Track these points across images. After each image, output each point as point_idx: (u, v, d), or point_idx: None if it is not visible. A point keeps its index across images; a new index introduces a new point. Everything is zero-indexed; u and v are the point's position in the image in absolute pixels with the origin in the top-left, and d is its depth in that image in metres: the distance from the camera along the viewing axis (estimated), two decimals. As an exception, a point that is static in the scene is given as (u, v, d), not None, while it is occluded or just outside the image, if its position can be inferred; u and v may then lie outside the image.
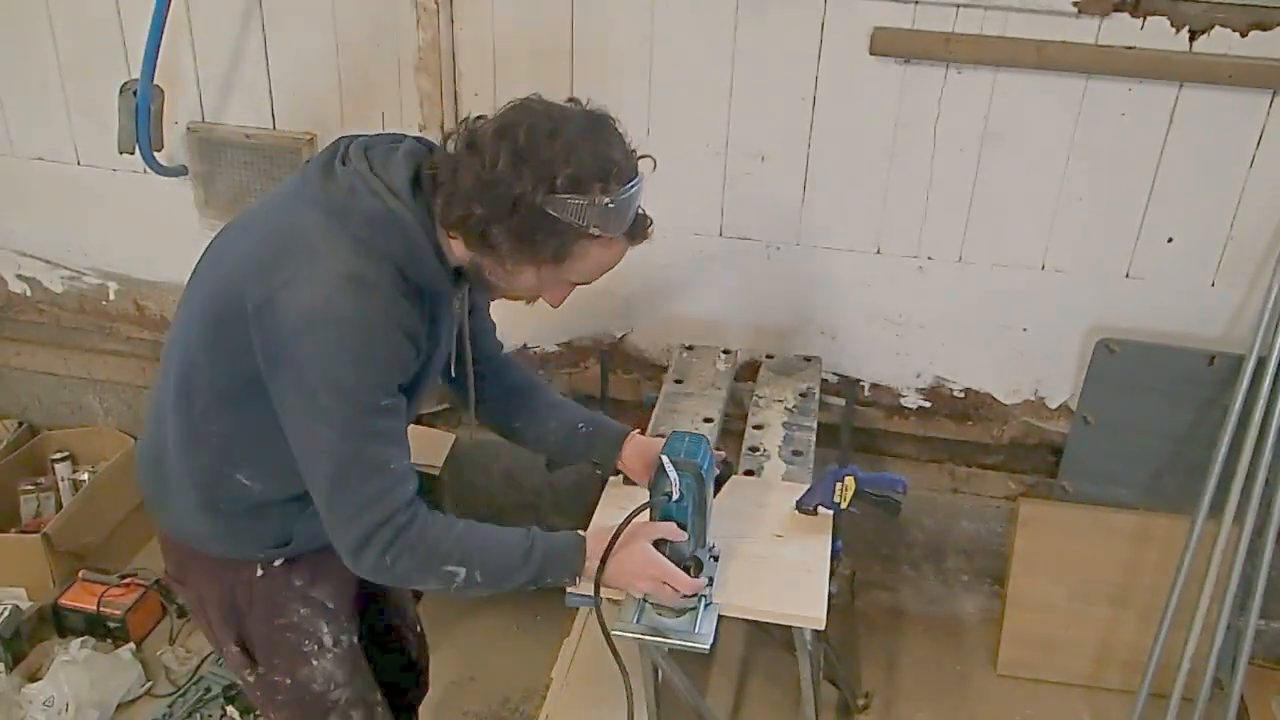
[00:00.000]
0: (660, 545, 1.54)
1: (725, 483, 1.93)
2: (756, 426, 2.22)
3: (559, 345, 2.73)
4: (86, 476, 2.93)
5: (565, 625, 2.40)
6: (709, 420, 2.24)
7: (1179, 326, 2.39)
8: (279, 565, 1.59)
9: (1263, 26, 2.07)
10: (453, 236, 1.39)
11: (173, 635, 2.65)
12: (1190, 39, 2.11)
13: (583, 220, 1.32)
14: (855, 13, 2.21)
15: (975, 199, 2.35)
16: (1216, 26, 2.09)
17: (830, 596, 1.69)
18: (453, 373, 1.60)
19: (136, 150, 2.51)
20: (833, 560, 1.76)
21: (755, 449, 2.13)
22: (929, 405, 2.62)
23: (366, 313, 1.32)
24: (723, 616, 1.63)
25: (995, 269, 2.42)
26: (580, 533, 1.55)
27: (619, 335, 2.70)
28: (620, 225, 1.37)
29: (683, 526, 1.55)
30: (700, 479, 1.53)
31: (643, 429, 1.86)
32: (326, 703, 1.65)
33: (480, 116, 1.38)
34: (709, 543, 1.64)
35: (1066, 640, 2.59)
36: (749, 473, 2.04)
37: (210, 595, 1.62)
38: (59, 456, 2.94)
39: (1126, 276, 2.37)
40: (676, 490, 1.51)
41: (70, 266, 2.94)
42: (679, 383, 2.40)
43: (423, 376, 1.48)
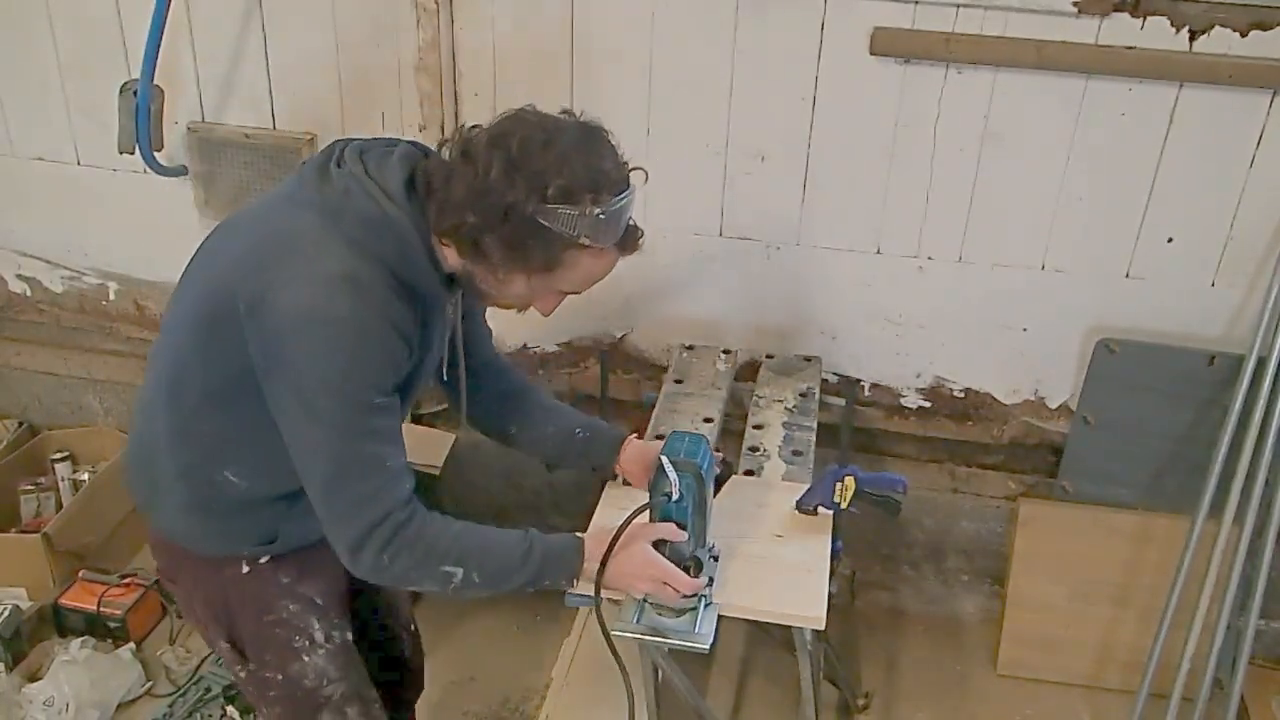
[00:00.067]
0: (660, 545, 1.54)
1: (725, 483, 1.94)
2: (756, 426, 2.22)
3: (559, 345, 2.73)
4: (86, 476, 2.93)
5: (565, 625, 2.40)
6: (709, 420, 2.24)
7: (1179, 326, 2.39)
8: (265, 563, 1.59)
9: (1263, 26, 2.07)
10: (445, 244, 1.40)
11: (173, 635, 2.65)
12: (1190, 39, 2.11)
13: (574, 230, 1.33)
14: (855, 13, 2.21)
15: (975, 199, 2.35)
16: (1216, 26, 2.09)
17: (830, 596, 1.69)
18: (445, 376, 1.60)
19: (136, 150, 2.51)
20: (833, 560, 1.76)
21: (755, 449, 2.13)
22: (929, 405, 2.62)
23: (360, 312, 1.32)
24: (723, 616, 1.63)
25: (995, 269, 2.42)
26: (578, 535, 1.56)
27: (619, 335, 2.70)
28: (611, 236, 1.38)
29: (682, 526, 1.55)
30: (700, 479, 1.53)
31: (640, 433, 1.86)
32: (319, 698, 1.65)
33: (475, 126, 1.39)
34: (709, 543, 1.64)
35: (1066, 640, 2.59)
36: (749, 473, 2.04)
37: (199, 593, 1.63)
38: (59, 456, 2.94)
39: (1126, 276, 2.37)
40: (676, 490, 1.52)
41: (70, 266, 2.94)
42: (679, 383, 2.40)
43: (414, 379, 1.48)
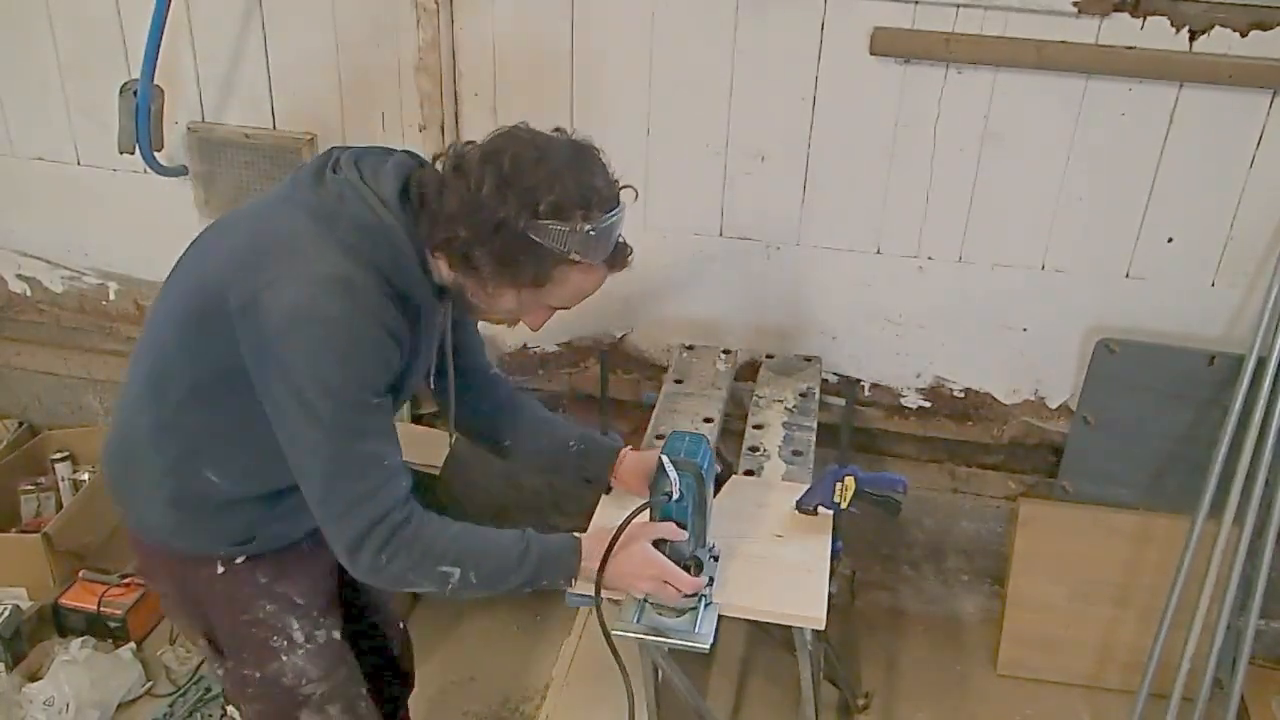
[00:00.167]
0: (660, 545, 1.55)
1: (725, 483, 1.94)
2: (756, 426, 2.22)
3: (559, 345, 2.73)
4: (86, 476, 2.93)
5: (565, 625, 2.40)
6: (709, 420, 2.24)
7: (1179, 326, 2.39)
8: (241, 563, 1.58)
9: (1263, 26, 2.07)
10: (437, 256, 1.41)
11: (173, 635, 2.65)
12: (1190, 39, 2.11)
13: (564, 246, 1.35)
14: (855, 13, 2.21)
15: (975, 199, 2.35)
16: (1216, 26, 2.09)
17: (830, 596, 1.69)
18: (433, 384, 1.61)
19: (136, 150, 2.51)
20: (833, 560, 1.76)
21: (755, 449, 2.13)
22: (929, 405, 2.62)
23: (352, 312, 1.33)
24: (723, 616, 1.63)
25: (995, 269, 2.42)
26: (576, 535, 1.56)
27: (619, 335, 2.70)
28: (601, 252, 1.39)
29: (682, 526, 1.55)
30: (700, 479, 1.53)
31: (636, 447, 1.86)
32: (298, 697, 1.65)
33: (469, 142, 1.41)
34: (709, 543, 1.64)
35: (1066, 640, 2.59)
36: (749, 473, 2.04)
37: (175, 591, 1.63)
38: (59, 456, 2.94)
39: (1126, 276, 2.37)
40: (676, 490, 1.52)
41: (70, 266, 2.94)
42: (679, 383, 2.40)
43: (402, 384, 1.48)
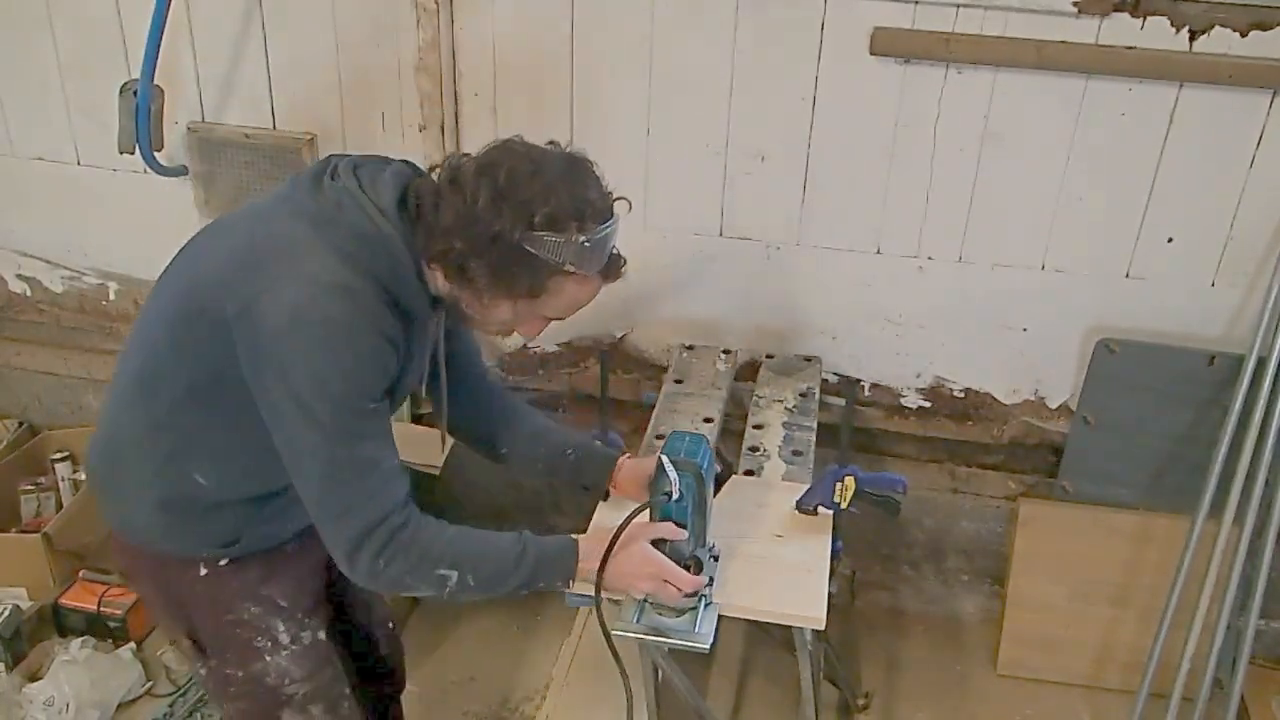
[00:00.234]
0: (660, 545, 1.54)
1: (725, 483, 1.94)
2: (756, 426, 2.22)
3: (559, 345, 2.73)
4: (86, 476, 2.93)
5: (565, 625, 2.40)
6: (709, 420, 2.24)
7: (1179, 326, 2.39)
8: (225, 565, 1.58)
9: (1263, 26, 2.07)
10: (433, 268, 1.42)
11: (173, 635, 2.65)
12: (1190, 39, 2.11)
13: (559, 257, 1.36)
14: (855, 13, 2.21)
15: (975, 199, 2.35)
16: (1216, 26, 2.09)
17: (830, 596, 1.69)
18: (425, 392, 1.61)
19: (136, 150, 2.51)
20: (833, 560, 1.76)
21: (755, 449, 2.13)
22: (929, 405, 2.62)
23: (351, 317, 1.33)
24: (723, 616, 1.63)
25: (995, 269, 2.42)
26: (573, 536, 1.55)
27: (619, 335, 2.70)
28: (596, 263, 1.40)
29: (682, 526, 1.55)
30: (700, 479, 1.53)
31: (635, 452, 1.86)
32: (281, 696, 1.65)
33: (464, 154, 1.42)
34: (709, 543, 1.64)
35: (1066, 640, 2.59)
36: (749, 473, 2.04)
37: (157, 592, 1.63)
38: (59, 456, 2.94)
39: (1126, 276, 2.37)
40: (676, 490, 1.52)
41: (70, 266, 2.94)
42: (679, 383, 2.40)
43: (395, 390, 1.48)
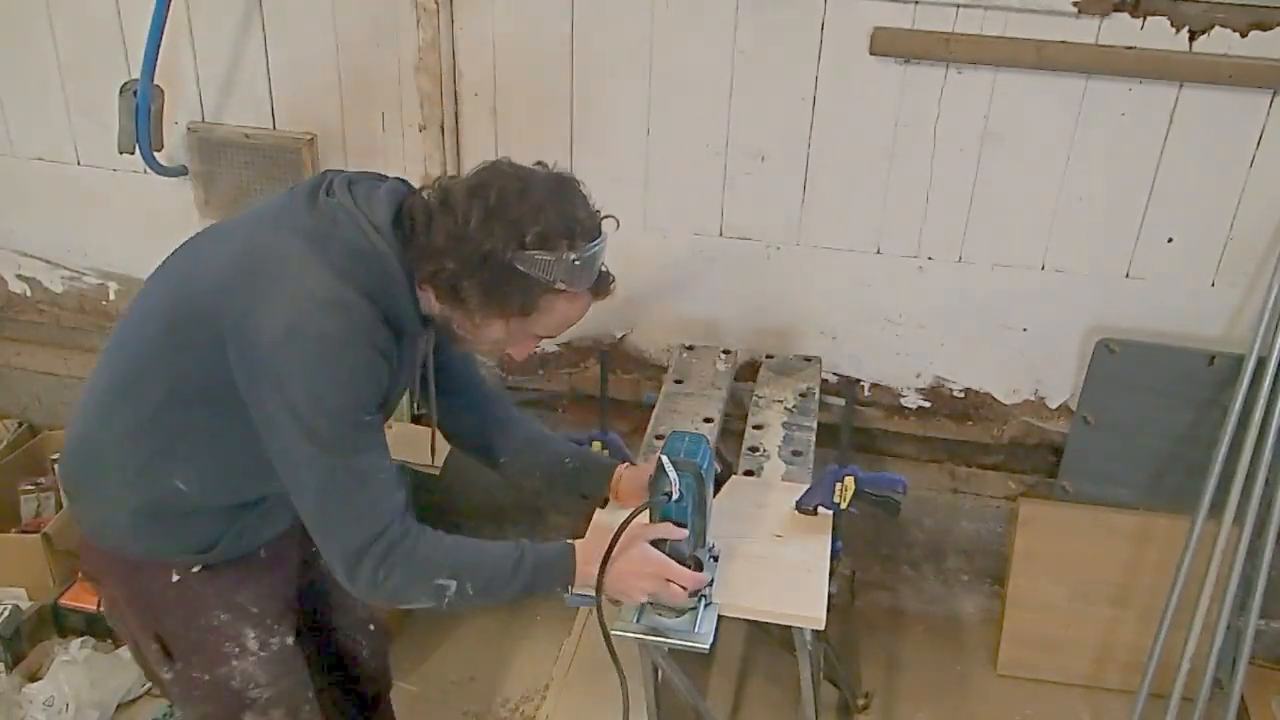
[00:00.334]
0: (660, 545, 1.54)
1: (725, 483, 1.94)
2: (756, 426, 2.22)
3: (559, 345, 2.73)
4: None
5: (565, 625, 2.40)
6: (709, 420, 2.24)
7: (1179, 326, 2.39)
8: (197, 572, 1.58)
9: (1263, 26, 2.07)
10: (424, 288, 1.42)
11: (173, 635, 2.65)
12: (1190, 39, 2.11)
13: (550, 275, 1.37)
14: (855, 13, 2.21)
15: (975, 199, 2.35)
16: (1216, 26, 2.09)
17: (830, 596, 1.69)
18: (417, 408, 1.62)
19: (136, 150, 2.51)
20: (833, 560, 1.76)
21: (755, 449, 2.13)
22: (929, 405, 2.62)
23: (345, 331, 1.34)
24: (723, 616, 1.63)
25: (995, 269, 2.42)
26: (571, 542, 1.55)
27: (619, 335, 2.70)
28: (586, 280, 1.42)
29: (682, 526, 1.55)
30: (700, 479, 1.53)
31: (635, 453, 1.87)
32: (244, 700, 1.65)
33: (453, 176, 1.44)
34: (709, 543, 1.64)
35: (1066, 640, 2.59)
36: (749, 473, 2.04)
37: (126, 596, 1.62)
38: (59, 457, 2.93)
39: (1126, 276, 2.37)
40: (676, 490, 1.52)
41: (70, 266, 2.94)
42: (679, 383, 2.40)
43: (384, 404, 1.48)
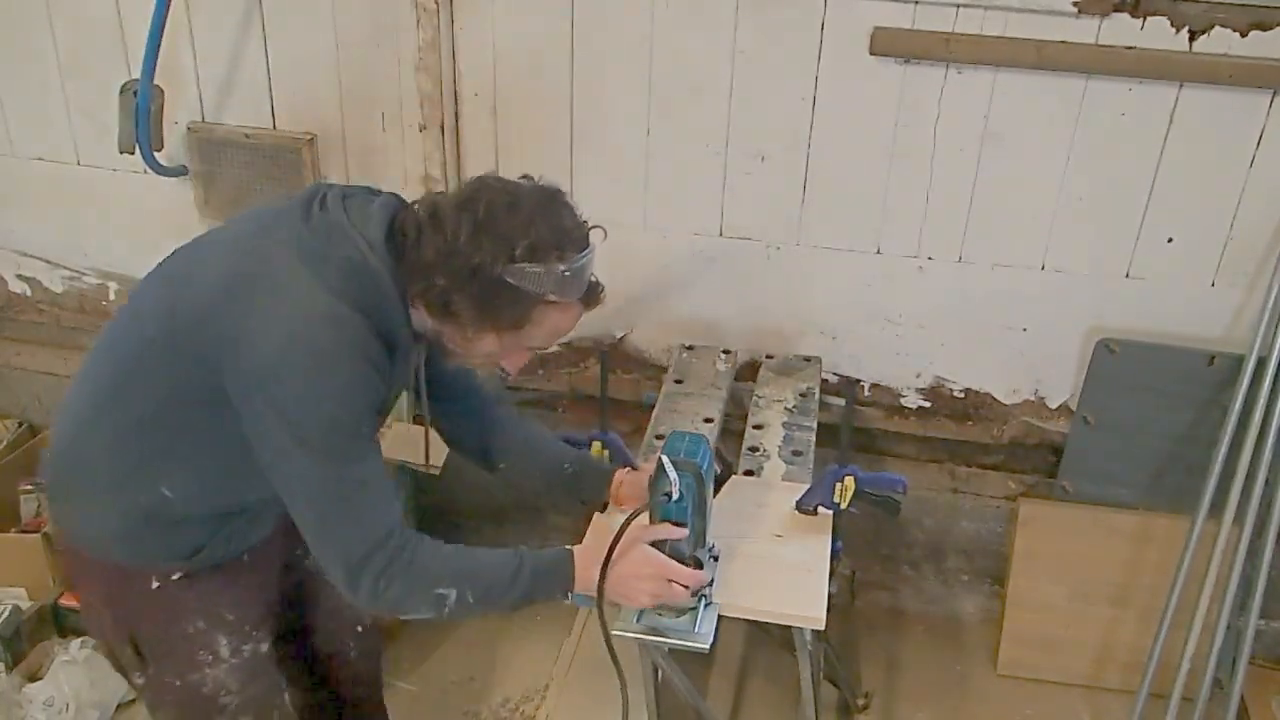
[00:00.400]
0: (660, 546, 1.55)
1: (725, 483, 1.94)
2: (756, 426, 2.22)
3: (559, 345, 2.73)
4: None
5: (565, 625, 2.40)
6: (709, 420, 2.24)
7: (1179, 326, 2.39)
8: (177, 579, 1.58)
9: (1263, 26, 2.07)
10: (416, 305, 1.43)
11: (173, 635, 2.65)
12: (1190, 39, 2.11)
13: (540, 287, 1.38)
14: (855, 13, 2.21)
15: (975, 199, 2.35)
16: (1216, 26, 2.09)
17: (830, 596, 1.69)
18: (410, 420, 1.62)
19: (136, 150, 2.51)
20: (833, 560, 1.76)
21: (755, 449, 2.13)
22: (929, 405, 2.62)
23: (338, 345, 1.34)
24: (723, 616, 1.63)
25: (995, 269, 2.42)
26: (569, 548, 1.56)
27: (619, 335, 2.70)
28: (576, 291, 1.43)
29: (682, 526, 1.55)
30: (700, 479, 1.53)
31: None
32: (215, 705, 1.65)
33: (440, 192, 1.46)
34: (709, 543, 1.64)
35: (1066, 640, 2.59)
36: (749, 473, 2.04)
37: (104, 601, 1.62)
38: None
39: (1126, 276, 2.37)
40: (676, 490, 1.52)
41: (70, 266, 2.94)
42: (679, 383, 2.40)
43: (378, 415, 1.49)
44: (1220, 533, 2.30)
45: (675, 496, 1.52)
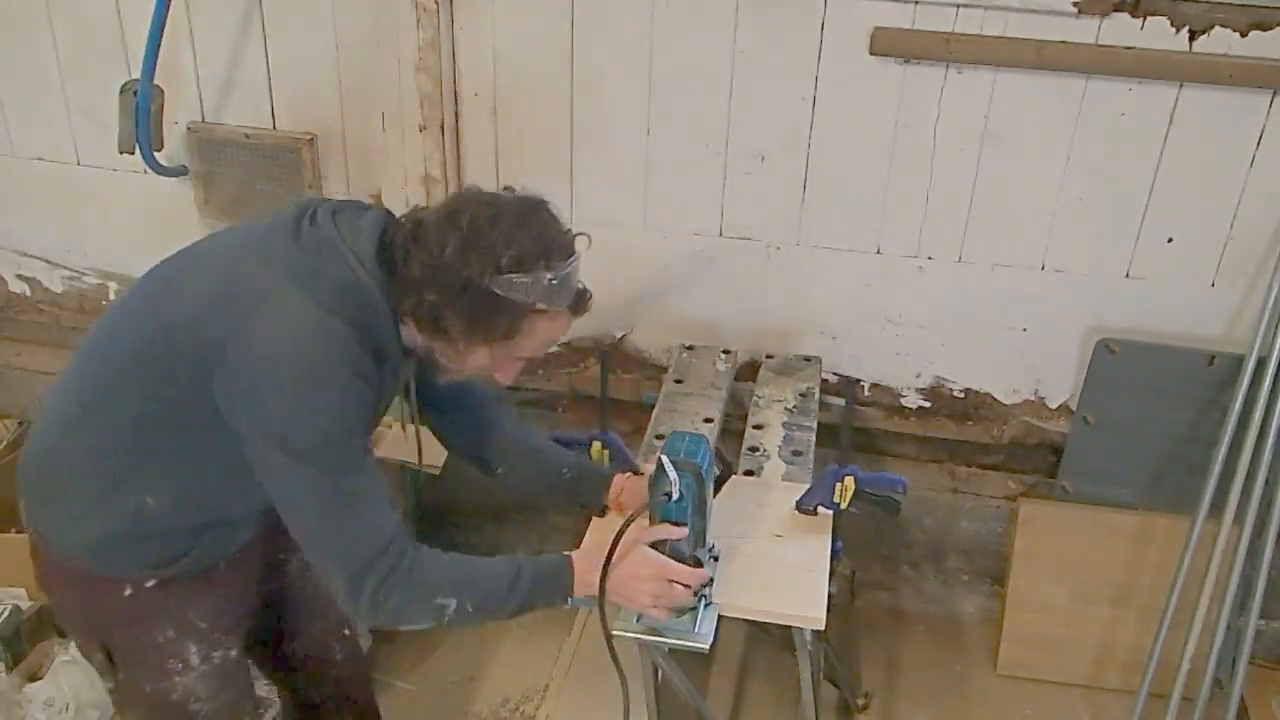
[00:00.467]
0: (659, 546, 1.55)
1: (725, 483, 1.94)
2: (756, 426, 2.22)
3: (559, 345, 2.73)
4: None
5: (565, 625, 2.40)
6: (709, 420, 2.24)
7: (1179, 326, 2.39)
8: (150, 587, 1.56)
9: (1263, 26, 2.07)
10: (405, 321, 1.43)
11: (173, 635, 2.65)
12: (1190, 39, 2.11)
13: (529, 297, 1.38)
14: (855, 13, 2.21)
15: (975, 199, 2.35)
16: (1216, 26, 2.09)
17: (830, 596, 1.69)
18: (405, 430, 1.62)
19: (136, 150, 2.51)
20: (833, 560, 1.76)
21: (755, 449, 2.13)
22: (929, 405, 2.62)
23: (329, 359, 1.34)
24: (723, 616, 1.63)
25: (995, 269, 2.42)
26: (567, 554, 1.56)
27: (619, 335, 2.70)
28: (565, 299, 1.43)
29: (682, 526, 1.55)
30: (700, 479, 1.53)
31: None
32: (185, 712, 1.65)
33: (423, 207, 1.46)
34: (709, 543, 1.64)
35: (1066, 640, 2.59)
36: (749, 473, 2.04)
37: (76, 607, 1.62)
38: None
39: (1126, 276, 2.37)
40: (676, 490, 1.52)
41: (70, 266, 2.94)
42: (679, 383, 2.40)
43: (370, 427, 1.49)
44: (1220, 533, 2.30)
45: (675, 496, 1.52)
